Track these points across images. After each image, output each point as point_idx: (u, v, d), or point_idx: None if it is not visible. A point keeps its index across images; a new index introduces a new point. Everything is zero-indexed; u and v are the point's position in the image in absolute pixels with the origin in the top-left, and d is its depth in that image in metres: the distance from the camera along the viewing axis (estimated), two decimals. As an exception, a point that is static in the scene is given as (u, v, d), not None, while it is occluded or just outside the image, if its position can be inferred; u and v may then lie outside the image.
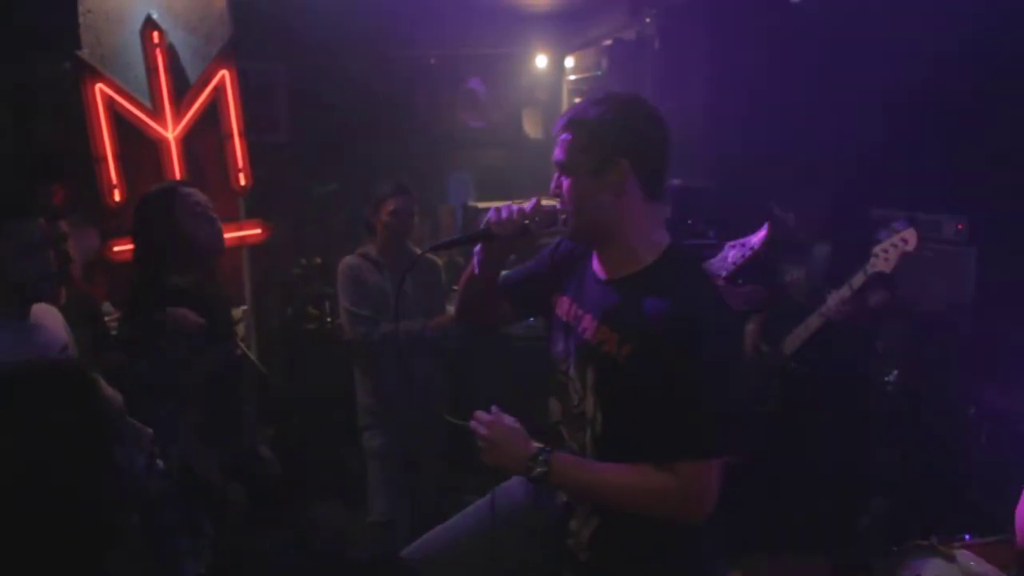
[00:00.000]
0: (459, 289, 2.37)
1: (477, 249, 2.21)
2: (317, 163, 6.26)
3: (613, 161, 1.94)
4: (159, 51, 4.51)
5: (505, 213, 2.11)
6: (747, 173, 4.42)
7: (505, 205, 2.14)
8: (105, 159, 4.44)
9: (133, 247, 3.26)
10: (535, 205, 2.10)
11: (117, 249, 4.35)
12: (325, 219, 6.16)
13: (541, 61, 6.30)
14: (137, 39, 4.52)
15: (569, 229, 2.05)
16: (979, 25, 3.56)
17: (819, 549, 3.85)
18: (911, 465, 3.87)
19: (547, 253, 2.31)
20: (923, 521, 3.33)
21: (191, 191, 3.19)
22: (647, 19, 4.75)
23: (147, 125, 4.52)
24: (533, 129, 6.82)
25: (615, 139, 1.95)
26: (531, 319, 2.76)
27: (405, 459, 4.01)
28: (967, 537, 2.79)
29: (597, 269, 2.09)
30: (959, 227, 3.98)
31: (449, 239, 2.48)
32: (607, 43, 5.06)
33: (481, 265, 2.22)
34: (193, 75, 4.68)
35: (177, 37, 4.63)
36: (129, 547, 1.42)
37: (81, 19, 4.44)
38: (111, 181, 4.45)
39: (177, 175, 4.55)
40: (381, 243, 3.94)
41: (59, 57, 5.02)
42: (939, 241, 4.00)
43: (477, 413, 2.08)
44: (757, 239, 2.89)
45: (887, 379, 3.98)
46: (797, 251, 3.70)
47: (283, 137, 6.22)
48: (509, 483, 2.30)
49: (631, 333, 1.93)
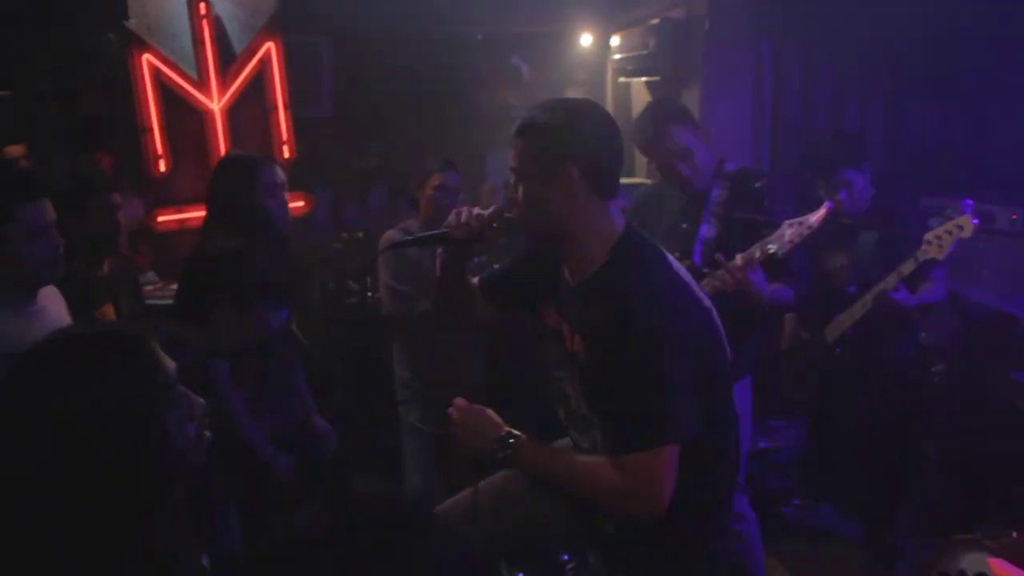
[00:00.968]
0: (434, 293, 2.44)
1: (439, 251, 2.29)
2: (359, 137, 6.26)
3: (561, 167, 1.95)
4: (206, 22, 4.53)
5: (464, 217, 2.18)
6: (797, 156, 4.35)
7: (466, 208, 2.20)
8: (151, 129, 4.48)
9: (207, 211, 3.31)
10: (494, 211, 2.16)
11: (162, 219, 4.39)
12: (366, 193, 6.16)
13: (586, 40, 6.21)
14: (184, 10, 4.54)
15: (527, 235, 2.11)
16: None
17: (857, 539, 3.82)
18: (955, 457, 3.81)
19: (523, 255, 2.34)
20: (967, 515, 3.28)
21: (273, 167, 3.24)
22: (697, -3, 4.68)
23: (193, 96, 4.55)
24: (576, 109, 6.76)
25: (563, 145, 1.96)
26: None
27: (441, 435, 4.01)
28: (1014, 534, 2.73)
29: (566, 275, 2.10)
30: (1013, 217, 3.89)
31: (411, 238, 2.60)
32: (654, 22, 4.98)
33: (443, 266, 2.30)
34: (239, 47, 4.70)
35: (223, 9, 4.65)
36: (170, 517, 1.42)
37: (130, -11, 4.47)
38: (156, 151, 4.50)
39: (222, 146, 4.58)
40: (424, 218, 3.92)
41: (106, 28, 5.06)
42: (992, 232, 3.91)
43: (455, 400, 2.17)
44: (816, 218, 2.83)
45: (933, 370, 3.91)
46: (842, 237, 3.64)
47: (326, 111, 6.22)
48: None
49: (591, 338, 1.98)
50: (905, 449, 3.75)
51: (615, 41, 5.55)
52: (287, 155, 4.80)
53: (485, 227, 2.16)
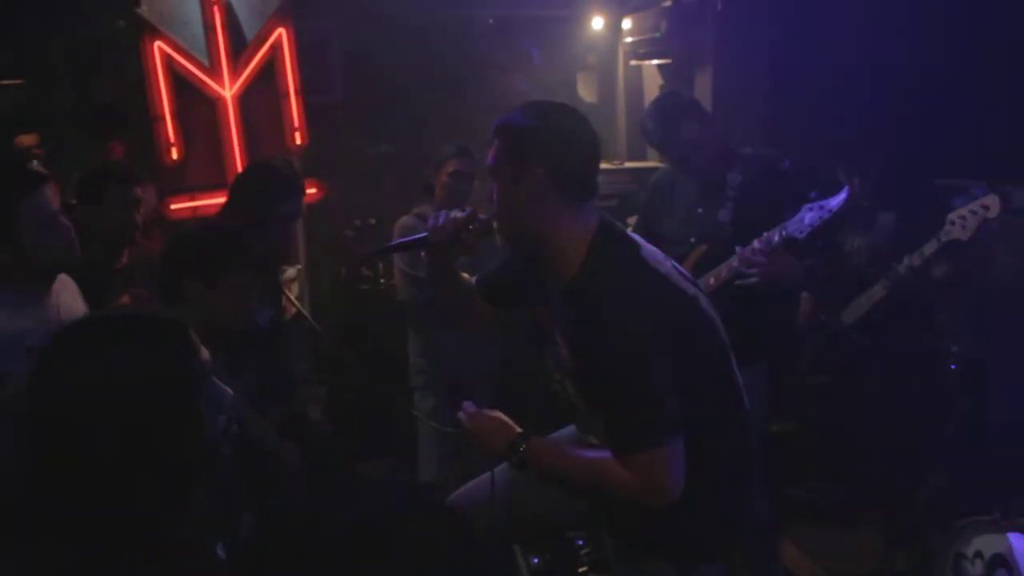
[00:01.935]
0: (432, 295, 2.48)
1: (423, 255, 2.30)
2: (371, 124, 6.25)
3: (530, 168, 1.96)
4: (217, 9, 4.52)
5: (442, 220, 2.18)
6: (812, 138, 4.32)
7: (443, 212, 2.21)
8: (163, 117, 4.48)
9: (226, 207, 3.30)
10: (470, 214, 2.17)
11: (175, 207, 4.39)
12: (378, 180, 6.15)
13: (597, 23, 6.17)
14: (195, -4, 4.53)
15: (500, 237, 2.10)
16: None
17: (873, 521, 3.81)
18: (973, 439, 3.79)
19: (512, 255, 2.33)
20: (984, 497, 3.27)
21: (299, 200, 3.24)
22: (709, -21, 4.65)
23: (204, 83, 4.54)
24: (588, 93, 6.73)
25: (531, 146, 1.96)
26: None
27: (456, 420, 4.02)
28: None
29: (552, 277, 2.09)
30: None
31: (390, 244, 2.71)
32: (666, 4, 4.95)
33: (430, 269, 2.31)
34: (250, 33, 4.69)
35: (235, -5, 4.64)
36: (198, 508, 1.42)
37: (140, -24, 4.46)
38: (169, 139, 4.49)
39: (233, 134, 4.58)
40: (438, 204, 3.92)
41: (117, 15, 5.06)
42: (1008, 212, 3.87)
43: (463, 405, 2.23)
44: (836, 201, 2.81)
45: (952, 351, 3.89)
46: (860, 219, 3.62)
47: (338, 97, 6.21)
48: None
49: (572, 343, 2.00)
50: (922, 431, 3.74)
51: (626, 24, 5.52)
52: (299, 141, 4.79)
53: (461, 230, 2.17)
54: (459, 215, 2.17)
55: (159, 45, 4.43)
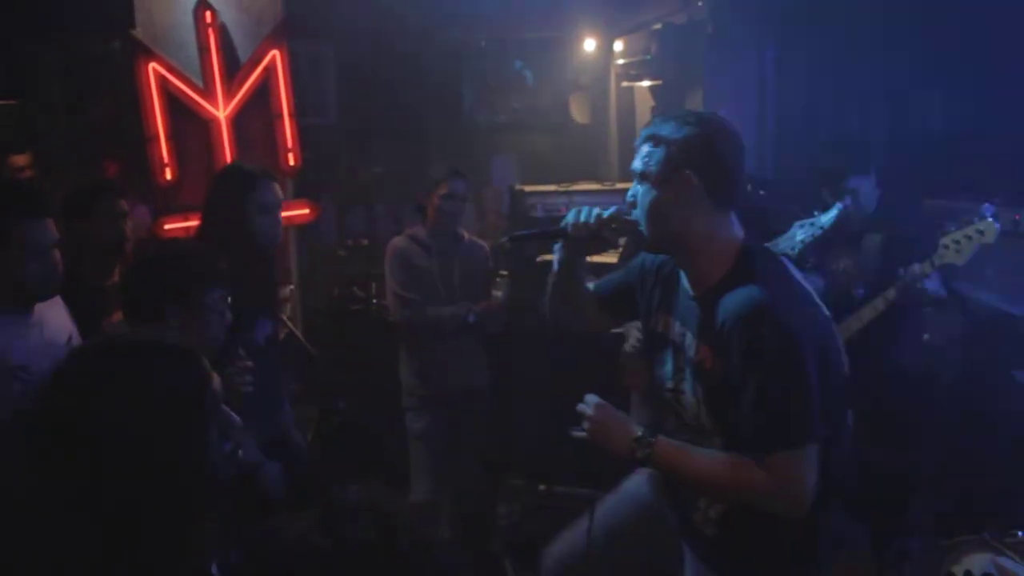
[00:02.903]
0: (548, 290, 2.43)
1: (557, 247, 2.31)
2: (364, 145, 6.29)
3: (680, 173, 1.99)
4: (211, 31, 4.55)
5: (584, 216, 2.20)
6: (802, 159, 4.35)
7: (587, 207, 2.22)
8: (157, 138, 4.50)
9: (200, 221, 3.31)
10: (614, 213, 2.18)
11: (168, 227, 4.40)
12: (372, 200, 6.19)
13: (589, 45, 6.24)
14: (189, 18, 4.56)
15: (644, 239, 2.12)
16: None
17: (864, 542, 3.80)
18: (962, 460, 3.80)
19: (636, 265, 2.35)
20: (974, 517, 3.28)
21: (272, 187, 3.24)
22: (699, 2, 4.69)
23: (198, 104, 4.57)
24: (580, 114, 6.78)
25: (684, 152, 1.99)
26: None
27: (448, 441, 4.03)
28: (1020, 533, 2.73)
29: (686, 285, 2.12)
30: (1016, 217, 3.88)
31: (527, 231, 2.59)
32: (656, 27, 5.00)
33: (559, 263, 2.33)
34: (244, 55, 4.72)
35: (229, 17, 4.67)
36: (203, 532, 1.42)
37: (135, -2, 4.49)
38: (163, 160, 4.51)
39: (227, 154, 4.60)
40: (431, 226, 3.95)
41: (112, 36, 5.09)
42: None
43: (586, 396, 2.18)
44: (828, 218, 2.83)
45: (938, 371, 3.91)
46: (847, 240, 3.64)
47: (332, 119, 6.25)
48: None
49: (719, 347, 1.98)
50: (911, 451, 3.74)
51: (618, 46, 5.57)
52: (292, 163, 4.81)
53: (603, 227, 2.18)
54: (603, 213, 2.19)
55: (153, 66, 4.46)
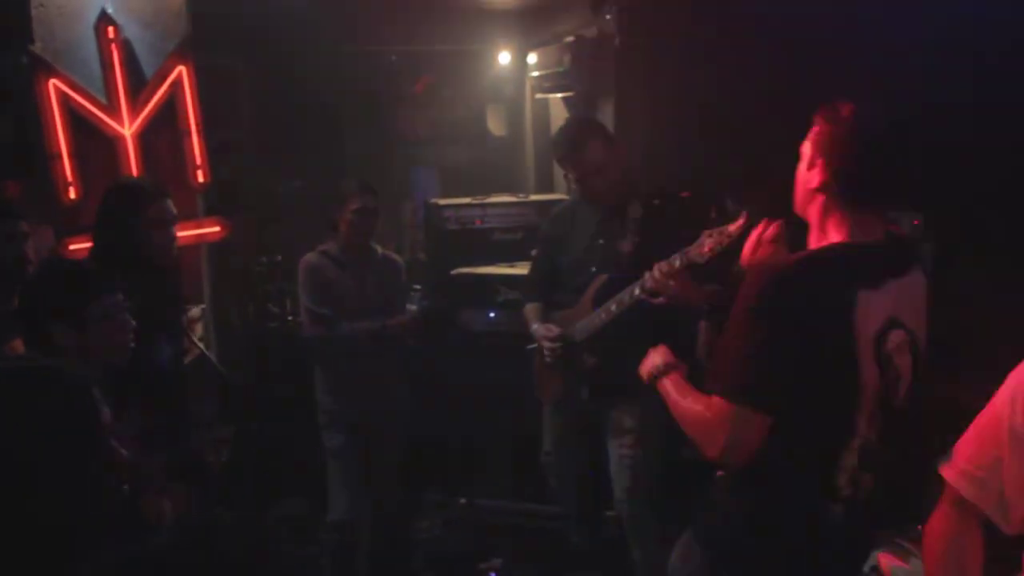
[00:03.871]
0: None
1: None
2: (279, 160, 6.22)
3: (819, 160, 2.05)
4: (114, 46, 4.45)
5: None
6: (707, 169, 4.43)
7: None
8: (60, 156, 4.38)
9: (92, 240, 3.24)
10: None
11: (73, 248, 4.28)
12: (287, 216, 6.11)
13: (504, 57, 6.28)
14: (92, 34, 4.46)
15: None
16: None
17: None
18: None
19: None
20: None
21: (164, 202, 3.21)
22: (607, 16, 4.74)
23: (103, 122, 4.47)
24: (497, 126, 6.81)
25: (827, 142, 2.05)
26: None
27: (365, 458, 3.99)
28: (919, 527, 2.81)
29: None
30: (915, 223, 4.01)
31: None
32: (569, 40, 5.05)
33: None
34: (149, 71, 4.63)
35: (133, 32, 4.57)
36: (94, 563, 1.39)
37: (34, 12, 4.36)
38: (66, 178, 4.40)
39: (134, 172, 4.50)
40: (343, 241, 3.91)
41: (11, 52, 4.93)
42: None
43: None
44: (734, 227, 2.88)
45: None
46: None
47: (244, 134, 6.17)
48: None
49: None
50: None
51: (532, 59, 5.61)
52: (201, 179, 4.73)
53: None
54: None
55: (54, 83, 4.34)
